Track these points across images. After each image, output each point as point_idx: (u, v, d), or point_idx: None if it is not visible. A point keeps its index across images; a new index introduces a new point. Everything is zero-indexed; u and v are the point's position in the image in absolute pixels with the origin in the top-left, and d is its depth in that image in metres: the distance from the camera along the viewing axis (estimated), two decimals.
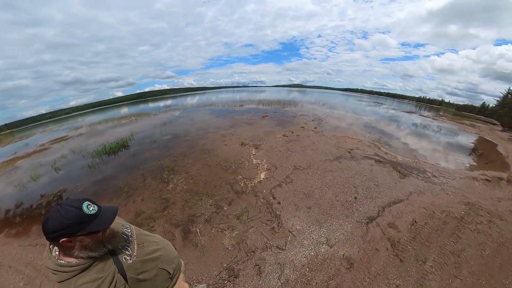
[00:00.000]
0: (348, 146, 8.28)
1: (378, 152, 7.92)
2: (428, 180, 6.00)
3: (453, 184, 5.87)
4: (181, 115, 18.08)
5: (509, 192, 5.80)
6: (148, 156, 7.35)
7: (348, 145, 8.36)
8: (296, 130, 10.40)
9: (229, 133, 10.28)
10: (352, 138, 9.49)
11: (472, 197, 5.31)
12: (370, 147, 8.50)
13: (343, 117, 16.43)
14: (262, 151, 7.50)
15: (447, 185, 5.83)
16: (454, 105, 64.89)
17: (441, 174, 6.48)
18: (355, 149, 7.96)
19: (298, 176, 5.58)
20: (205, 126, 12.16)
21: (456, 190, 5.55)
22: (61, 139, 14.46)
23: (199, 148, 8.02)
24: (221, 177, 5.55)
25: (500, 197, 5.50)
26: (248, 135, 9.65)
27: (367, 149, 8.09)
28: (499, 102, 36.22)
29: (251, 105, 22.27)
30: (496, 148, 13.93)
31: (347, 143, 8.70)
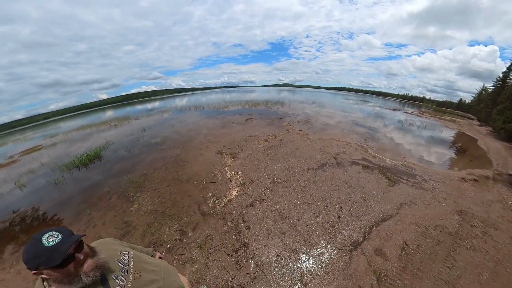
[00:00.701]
0: (334, 150, 7.71)
1: (366, 156, 7.42)
2: (418, 186, 5.57)
3: (443, 189, 5.54)
4: (163, 120, 16.97)
5: (497, 192, 5.66)
6: (119, 169, 6.90)
7: (334, 150, 7.80)
8: (280, 134, 9.74)
9: (208, 140, 9.43)
10: (338, 141, 8.96)
11: (464, 203, 5.00)
12: (358, 150, 8.00)
13: (330, 117, 16.04)
14: (239, 160, 6.74)
15: (438, 190, 5.46)
16: (434, 102, 68.19)
17: (431, 177, 6.15)
18: (341, 153, 7.40)
19: (275, 192, 4.88)
20: (184, 132, 11.33)
21: (448, 196, 5.20)
22: (33, 149, 13.43)
23: (173, 159, 7.39)
24: (190, 194, 5.00)
25: (490, 200, 5.30)
26: (227, 142, 8.86)
27: (354, 153, 7.57)
28: (475, 98, 38.19)
29: (237, 106, 21.46)
30: (477, 143, 14.38)
31: (333, 147, 8.14)
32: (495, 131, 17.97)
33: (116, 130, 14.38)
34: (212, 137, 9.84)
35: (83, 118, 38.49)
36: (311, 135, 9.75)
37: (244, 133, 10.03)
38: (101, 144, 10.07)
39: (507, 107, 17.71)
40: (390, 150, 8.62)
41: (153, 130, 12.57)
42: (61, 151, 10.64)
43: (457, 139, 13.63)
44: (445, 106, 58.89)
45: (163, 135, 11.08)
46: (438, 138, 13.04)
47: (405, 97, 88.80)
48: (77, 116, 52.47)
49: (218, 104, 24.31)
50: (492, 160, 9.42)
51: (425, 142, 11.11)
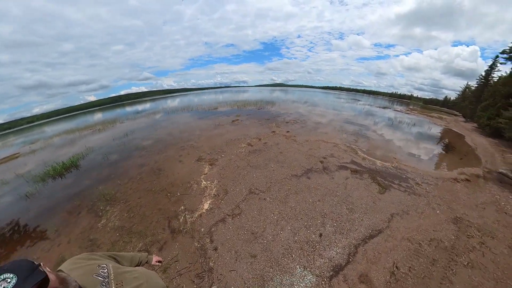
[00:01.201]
0: (321, 153, 7.20)
1: (355, 158, 6.97)
2: (411, 191, 5.16)
3: (437, 192, 5.19)
4: (148, 123, 16.10)
5: (490, 193, 5.44)
6: (94, 178, 6.66)
7: (321, 153, 7.28)
8: (265, 136, 9.16)
9: (189, 145, 8.73)
10: (326, 142, 8.48)
11: (459, 207, 4.66)
12: (346, 152, 7.54)
13: (319, 117, 15.65)
14: (217, 168, 6.12)
15: (431, 194, 5.09)
16: (421, 99, 70.17)
17: (423, 180, 5.79)
18: (329, 157, 6.89)
19: (250, 205, 4.31)
20: (167, 137, 10.63)
21: (442, 202, 4.83)
22: (10, 157, 12.64)
23: (150, 166, 6.86)
24: (161, 207, 4.56)
25: (484, 202, 5.01)
26: (209, 146, 8.21)
27: (343, 156, 7.10)
28: (459, 96, 39.29)
29: (226, 107, 20.74)
30: (464, 140, 14.51)
31: (320, 149, 7.63)
32: (480, 127, 18.28)
33: (99, 135, 13.75)
34: (195, 141, 9.16)
35: (69, 121, 36.91)
36: (299, 136, 9.23)
37: (228, 136, 9.39)
38: (80, 151, 9.68)
39: (491, 104, 17.97)
40: (381, 151, 8.25)
41: (136, 134, 11.98)
42: (39, 159, 10.28)
43: (445, 137, 13.69)
44: (432, 104, 60.73)
45: (144, 140, 10.50)
46: (428, 136, 13.01)
47: (394, 95, 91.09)
48: (62, 120, 50.06)
49: (208, 105, 23.55)
50: (481, 157, 9.48)
51: (415, 141, 10.95)
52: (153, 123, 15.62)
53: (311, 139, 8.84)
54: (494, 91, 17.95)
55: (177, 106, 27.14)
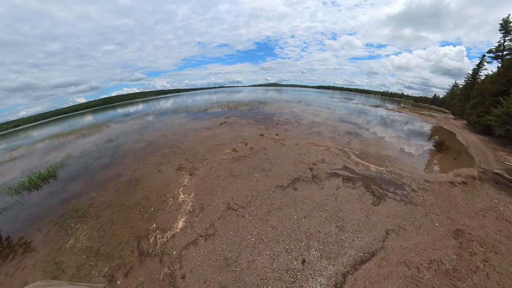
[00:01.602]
0: (311, 159, 6.70)
1: (348, 163, 6.50)
2: (407, 200, 4.73)
3: (434, 200, 4.80)
4: (134, 127, 15.28)
5: (487, 196, 5.18)
6: (70, 191, 6.29)
7: (311, 158, 6.79)
8: (252, 140, 8.59)
9: (172, 152, 8.09)
10: (318, 145, 8.01)
11: (458, 217, 4.29)
12: (339, 156, 7.08)
13: (312, 117, 15.19)
14: (197, 178, 5.54)
15: (429, 203, 4.70)
16: (412, 97, 71.44)
17: (419, 186, 5.41)
18: (319, 162, 6.40)
19: (226, 223, 3.79)
20: (150, 142, 9.93)
21: (440, 211, 4.44)
22: None
23: (128, 176, 6.41)
24: (133, 225, 4.26)
25: (483, 208, 4.70)
26: (192, 153, 7.60)
27: (335, 161, 6.63)
28: (448, 94, 40.02)
29: (217, 108, 20.03)
30: (456, 137, 14.48)
31: (310, 154, 7.14)
32: (470, 124, 18.39)
33: (83, 141, 13.10)
34: (178, 147, 8.51)
35: (56, 125, 35.39)
36: (288, 140, 8.71)
37: (213, 141, 8.77)
38: (61, 159, 9.20)
39: (480, 102, 18.07)
40: (375, 153, 7.82)
41: (120, 140, 11.33)
42: (18, 168, 9.87)
43: (438, 135, 13.64)
44: (422, 102, 61.91)
45: (126, 146, 9.87)
46: (420, 134, 12.89)
47: (386, 94, 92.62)
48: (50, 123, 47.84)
49: (199, 107, 22.71)
50: (474, 156, 9.47)
51: (409, 141, 10.71)
52: (139, 127, 14.80)
53: (301, 142, 8.33)
54: (482, 89, 18.06)
55: (168, 108, 26.21)
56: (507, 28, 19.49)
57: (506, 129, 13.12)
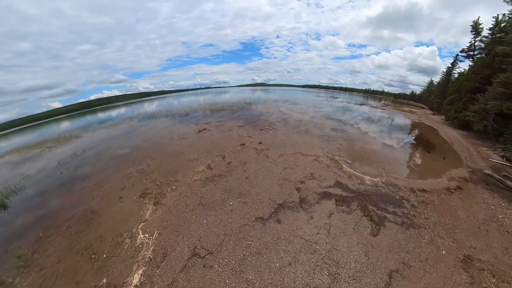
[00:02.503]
0: (298, 174, 5.79)
1: (340, 177, 5.70)
2: (409, 221, 4.13)
3: (437, 217, 4.30)
4: (105, 137, 13.46)
5: (484, 203, 4.95)
6: (17, 227, 5.18)
7: (299, 173, 5.87)
8: (231, 152, 7.48)
9: (139, 170, 6.81)
10: (306, 155, 7.16)
11: (464, 237, 3.83)
12: (330, 168, 6.27)
13: (298, 119, 14.41)
14: (162, 210, 4.44)
15: (431, 221, 4.17)
16: (392, 94, 74.89)
17: (418, 199, 4.88)
18: (308, 179, 5.52)
19: (190, 279, 2.81)
20: (118, 158, 8.52)
21: (444, 232, 3.91)
22: None
23: (84, 207, 5.33)
24: (80, 280, 3.30)
25: (484, 220, 4.35)
26: (161, 172, 6.38)
27: (326, 175, 5.80)
28: (424, 90, 41.94)
29: (198, 112, 18.50)
30: (439, 134, 14.65)
31: (298, 167, 6.24)
32: (449, 120, 18.97)
33: (47, 155, 11.43)
34: (147, 164, 7.22)
35: (24, 135, 31.26)
36: (273, 149, 7.73)
37: (188, 154, 7.57)
38: (15, 182, 7.74)
39: (456, 98, 18.57)
40: (366, 159, 7.22)
41: (86, 154, 9.86)
42: None
43: (423, 133, 13.79)
44: (401, 98, 64.97)
45: (92, 163, 8.47)
46: (408, 133, 12.90)
47: (368, 91, 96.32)
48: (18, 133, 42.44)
49: (180, 110, 20.94)
50: (459, 153, 9.65)
51: (398, 142, 10.48)
52: (110, 136, 13.02)
53: (287, 152, 7.41)
54: (459, 86, 18.57)
55: (147, 112, 24.06)
56: (477, 29, 20.61)
57: (484, 124, 13.47)
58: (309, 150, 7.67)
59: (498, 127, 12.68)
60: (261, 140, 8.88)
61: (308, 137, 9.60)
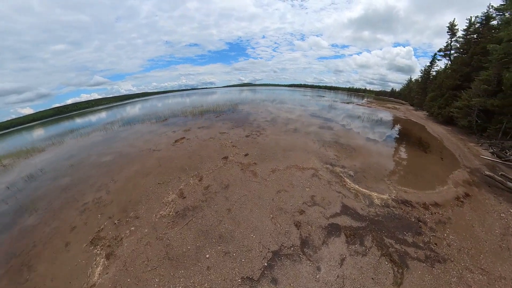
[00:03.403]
0: (296, 200, 4.60)
1: (346, 198, 4.71)
2: (432, 254, 3.36)
3: (459, 242, 3.74)
4: (71, 147, 11.38)
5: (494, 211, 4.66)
6: None
7: (296, 198, 4.68)
8: (210, 171, 6.02)
9: (96, 200, 5.23)
10: (302, 169, 6.03)
11: (490, 264, 3.31)
12: (331, 185, 5.22)
13: (288, 120, 13.35)
14: (115, 266, 3.11)
15: (455, 248, 3.55)
16: (373, 92, 77.97)
17: (434, 218, 4.29)
18: (308, 205, 4.36)
19: None
20: (75, 181, 6.77)
21: (471, 263, 3.28)
22: None
23: (21, 259, 3.89)
24: None
25: (501, 235, 3.93)
26: (121, 202, 4.88)
27: (329, 196, 4.72)
28: (405, 87, 43.56)
29: (178, 117, 16.49)
30: (427, 130, 14.52)
31: (294, 188, 5.05)
32: (432, 115, 19.30)
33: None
34: (107, 189, 5.59)
35: None
36: (262, 163, 6.45)
37: (157, 174, 6.07)
38: None
39: (438, 95, 18.79)
40: (367, 167, 6.43)
41: (43, 176, 7.89)
42: None
43: (413, 131, 13.57)
44: (382, 95, 67.62)
45: (45, 188, 6.74)
46: (399, 131, 12.67)
47: (351, 89, 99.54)
48: None
49: (159, 115, 18.58)
50: (453, 152, 9.48)
51: (392, 142, 10.07)
52: (74, 150, 10.78)
53: (279, 166, 6.18)
54: (440, 83, 18.79)
55: (123, 118, 21.42)
56: (453, 30, 21.39)
57: (469, 120, 13.54)
58: (305, 161, 6.55)
59: (481, 122, 12.77)
60: (248, 150, 7.50)
61: (301, 143, 8.52)
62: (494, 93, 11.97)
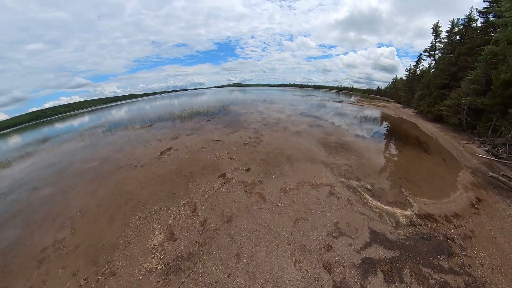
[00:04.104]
0: (319, 231, 3.69)
1: (371, 220, 4.03)
2: (470, 281, 2.96)
3: (488, 258, 3.44)
4: (38, 166, 9.19)
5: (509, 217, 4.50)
6: None
7: (318, 228, 3.78)
8: (206, 196, 4.78)
9: (57, 244, 3.92)
10: (316, 185, 5.17)
11: None
12: (353, 205, 4.46)
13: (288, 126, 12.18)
14: None
15: (488, 268, 3.23)
16: (360, 90, 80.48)
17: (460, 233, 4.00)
18: (334, 237, 3.54)
19: None
20: (36, 215, 5.15)
21: (506, 281, 2.97)
22: None
23: None
24: None
25: None
26: (91, 249, 3.62)
27: (353, 221, 3.97)
28: (391, 86, 44.87)
29: (165, 121, 14.75)
30: (420, 129, 14.47)
31: (313, 214, 4.13)
32: (420, 113, 19.63)
33: None
34: (72, 229, 4.23)
35: None
36: (268, 181, 5.37)
37: (138, 202, 4.80)
38: None
39: (426, 93, 19.00)
40: (383, 178, 5.90)
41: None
42: None
43: (407, 129, 13.68)
44: (368, 93, 69.96)
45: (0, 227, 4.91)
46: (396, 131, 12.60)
47: (340, 88, 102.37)
48: None
49: (144, 119, 16.64)
50: (451, 152, 9.40)
51: (393, 144, 9.76)
52: (43, 167, 8.58)
53: (290, 184, 5.17)
54: (428, 82, 19.00)
55: (104, 123, 19.01)
56: (437, 31, 22.01)
57: (459, 118, 13.66)
58: (317, 174, 5.69)
59: (471, 120, 12.90)
60: (249, 163, 6.33)
61: (305, 149, 7.71)
62: (483, 92, 12.13)
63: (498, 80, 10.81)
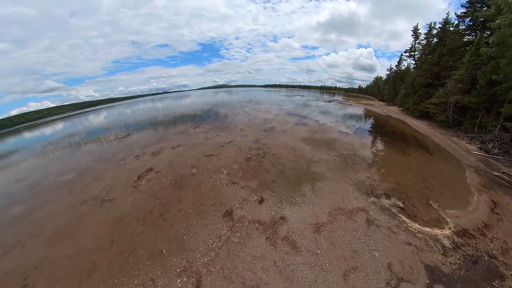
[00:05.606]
0: (375, 282, 2.55)
1: (420, 251, 3.14)
2: None
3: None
4: None
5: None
6: None
7: (371, 275, 2.65)
8: (214, 252, 3.16)
9: None
10: (349, 213, 4.01)
11: None
12: (396, 234, 3.42)
13: (288, 129, 11.18)
14: None
15: None
16: (343, 89, 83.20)
17: (498, 248, 3.50)
18: (394, 286, 2.37)
19: None
20: None
21: None
22: None
23: None
24: None
25: None
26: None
27: (403, 256, 2.99)
28: (373, 84, 46.66)
29: (145, 130, 12.42)
30: (411, 127, 14.42)
31: (360, 257, 2.94)
32: (405, 110, 20.10)
33: None
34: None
35: None
36: (292, 214, 3.94)
37: (107, 272, 2.98)
38: None
39: (411, 92, 19.31)
40: (408, 189, 5.15)
41: None
42: None
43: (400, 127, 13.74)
44: (351, 91, 72.30)
45: None
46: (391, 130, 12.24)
47: (323, 88, 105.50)
48: None
49: (120, 128, 14.03)
50: (448, 150, 9.31)
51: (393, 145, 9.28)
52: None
53: (320, 215, 3.85)
54: (412, 81, 19.30)
55: (71, 133, 15.76)
56: (417, 34, 22.91)
57: (446, 115, 13.86)
58: (344, 196, 4.48)
59: (458, 117, 13.13)
60: (259, 188, 4.78)
61: (322, 162, 6.46)
62: (468, 91, 12.37)
63: (483, 80, 10.98)
